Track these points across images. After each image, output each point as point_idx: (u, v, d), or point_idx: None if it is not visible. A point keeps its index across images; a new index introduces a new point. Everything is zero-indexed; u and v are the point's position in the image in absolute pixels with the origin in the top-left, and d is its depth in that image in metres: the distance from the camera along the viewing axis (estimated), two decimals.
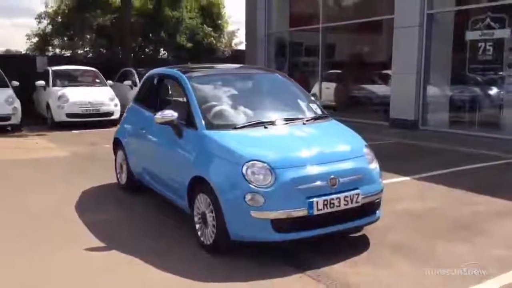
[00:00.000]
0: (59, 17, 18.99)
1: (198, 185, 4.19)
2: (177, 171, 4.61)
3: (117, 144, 6.28)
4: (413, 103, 11.58)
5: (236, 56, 19.08)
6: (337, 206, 3.92)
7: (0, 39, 71.96)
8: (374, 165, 4.38)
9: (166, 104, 5.35)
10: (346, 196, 3.95)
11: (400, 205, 5.56)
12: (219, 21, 19.97)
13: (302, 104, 5.14)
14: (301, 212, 3.81)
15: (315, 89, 15.36)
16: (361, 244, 4.33)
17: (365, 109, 14.38)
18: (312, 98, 5.41)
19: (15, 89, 12.37)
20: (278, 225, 3.79)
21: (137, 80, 13.70)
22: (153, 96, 5.70)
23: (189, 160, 4.38)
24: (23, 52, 20.75)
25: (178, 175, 4.57)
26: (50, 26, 19.41)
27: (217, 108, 4.68)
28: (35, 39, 19.87)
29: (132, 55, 17.77)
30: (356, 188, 4.04)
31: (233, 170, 3.90)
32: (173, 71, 5.31)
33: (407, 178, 6.81)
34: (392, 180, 6.70)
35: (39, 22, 19.38)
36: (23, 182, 6.84)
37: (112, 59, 17.57)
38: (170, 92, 5.44)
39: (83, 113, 12.47)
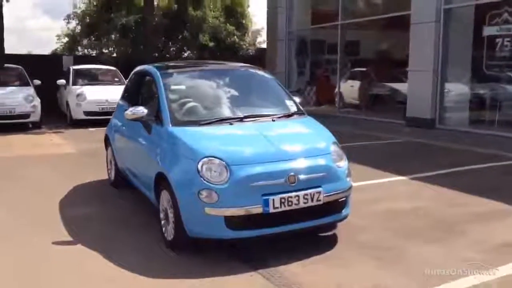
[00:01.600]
0: (87, 18, 19.46)
1: (162, 181, 4.19)
2: (147, 167, 4.63)
3: (107, 141, 6.36)
4: (429, 101, 11.22)
5: (260, 55, 19.04)
6: (295, 204, 3.83)
7: (46, 42, 74.55)
8: (342, 163, 4.26)
9: (147, 101, 5.37)
10: (306, 194, 3.86)
11: (385, 204, 5.41)
12: (243, 20, 19.95)
13: (277, 101, 5.06)
14: (256, 209, 3.74)
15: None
16: (327, 243, 4.23)
17: (384, 107, 14.09)
18: (293, 94, 5.31)
19: (37, 87, 12.73)
20: (232, 222, 3.74)
21: None
22: (135, 93, 5.76)
23: (155, 156, 4.39)
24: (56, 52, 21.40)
25: (148, 171, 4.58)
26: (79, 27, 19.94)
27: (187, 105, 4.66)
28: (65, 39, 20.46)
29: (156, 54, 17.96)
30: (319, 186, 3.94)
31: (189, 167, 3.88)
32: (150, 67, 5.34)
33: (404, 177, 6.61)
34: (387, 179, 6.56)
35: (68, 23, 19.94)
36: (21, 177, 6.99)
37: (134, 58, 17.83)
38: (152, 89, 5.44)
39: (100, 111, 12.69)
